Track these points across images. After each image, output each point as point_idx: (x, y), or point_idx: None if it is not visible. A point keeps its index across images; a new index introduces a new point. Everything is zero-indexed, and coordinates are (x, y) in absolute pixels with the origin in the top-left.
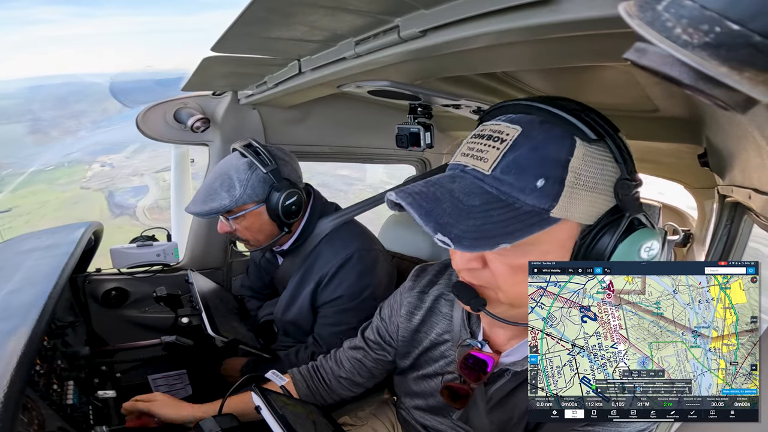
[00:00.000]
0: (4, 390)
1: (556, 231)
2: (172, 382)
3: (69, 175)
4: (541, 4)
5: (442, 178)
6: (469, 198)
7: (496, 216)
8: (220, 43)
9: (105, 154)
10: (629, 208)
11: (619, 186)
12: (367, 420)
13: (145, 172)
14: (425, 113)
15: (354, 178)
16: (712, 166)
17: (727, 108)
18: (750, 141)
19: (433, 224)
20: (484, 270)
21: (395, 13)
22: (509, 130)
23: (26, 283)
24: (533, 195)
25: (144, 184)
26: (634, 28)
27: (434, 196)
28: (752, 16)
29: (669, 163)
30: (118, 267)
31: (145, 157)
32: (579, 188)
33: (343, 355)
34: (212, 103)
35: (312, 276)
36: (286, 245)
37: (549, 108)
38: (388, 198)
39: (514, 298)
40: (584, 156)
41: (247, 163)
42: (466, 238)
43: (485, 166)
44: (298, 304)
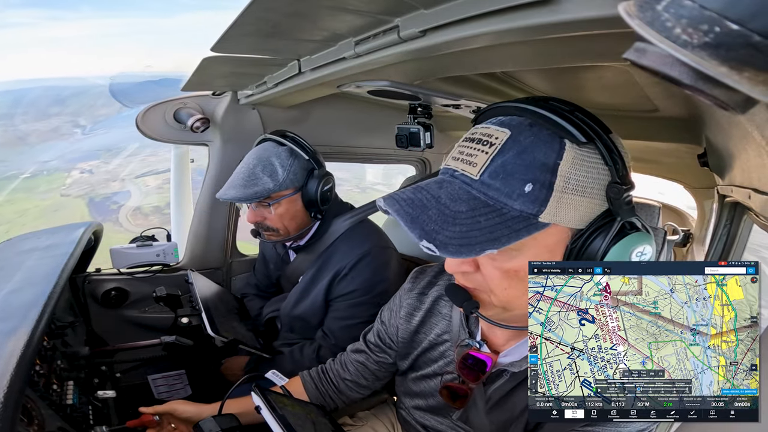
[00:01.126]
0: (4, 390)
1: (545, 236)
2: (172, 382)
3: (49, 182)
4: (541, 4)
5: (430, 183)
6: (456, 204)
7: (482, 222)
8: (220, 43)
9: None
10: (620, 211)
11: (610, 190)
12: (367, 420)
13: (126, 178)
14: (425, 113)
15: (341, 179)
16: (712, 166)
17: (727, 108)
18: (750, 141)
19: (418, 231)
20: (476, 273)
21: (395, 13)
22: (498, 134)
23: (26, 283)
24: (521, 200)
25: (125, 189)
26: (634, 28)
27: (420, 203)
28: (751, 16)
29: (668, 163)
30: (118, 267)
31: (125, 162)
32: (568, 192)
33: (347, 358)
34: (212, 103)
35: (327, 270)
36: (303, 241)
37: (538, 110)
38: (377, 204)
39: (507, 302)
40: (573, 159)
41: (287, 150)
42: (452, 245)
43: (473, 170)
44: (311, 298)
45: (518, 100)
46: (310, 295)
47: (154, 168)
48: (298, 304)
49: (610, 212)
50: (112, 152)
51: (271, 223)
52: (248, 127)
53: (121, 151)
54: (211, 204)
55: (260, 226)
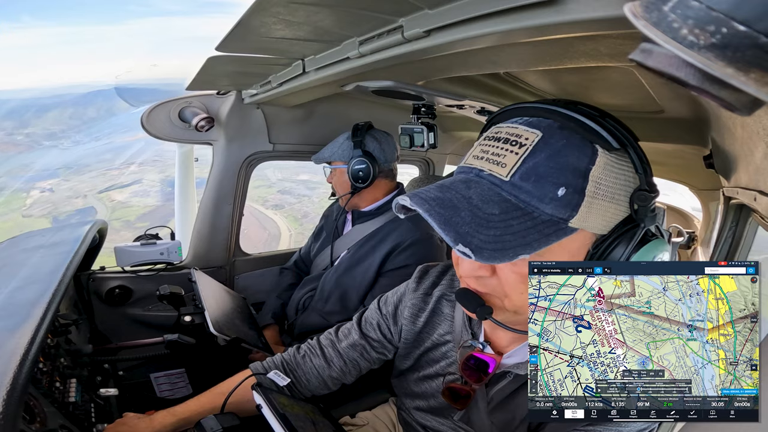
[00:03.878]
0: (7, 388)
1: (570, 241)
2: (174, 380)
3: (6, 204)
4: (546, 5)
5: (457, 182)
6: (488, 206)
7: (515, 225)
8: (225, 42)
9: (41, 179)
10: (644, 219)
11: (637, 197)
12: (368, 420)
13: (88, 194)
14: (429, 113)
15: (315, 182)
16: (718, 167)
17: (733, 109)
18: (756, 143)
19: (453, 234)
20: (491, 278)
21: (399, 13)
22: (528, 135)
23: (30, 280)
24: (552, 204)
25: (89, 205)
26: (640, 28)
27: (451, 203)
28: (758, 17)
29: (674, 164)
30: (122, 265)
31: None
32: (599, 198)
33: (334, 351)
34: (216, 103)
35: (386, 242)
36: (369, 207)
37: (568, 112)
38: (398, 202)
39: (520, 306)
40: (605, 165)
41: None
42: (486, 249)
43: (503, 171)
44: (364, 267)
45: (544, 102)
46: (364, 263)
47: (117, 182)
48: (347, 271)
49: (631, 218)
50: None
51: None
52: (253, 126)
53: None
54: (215, 203)
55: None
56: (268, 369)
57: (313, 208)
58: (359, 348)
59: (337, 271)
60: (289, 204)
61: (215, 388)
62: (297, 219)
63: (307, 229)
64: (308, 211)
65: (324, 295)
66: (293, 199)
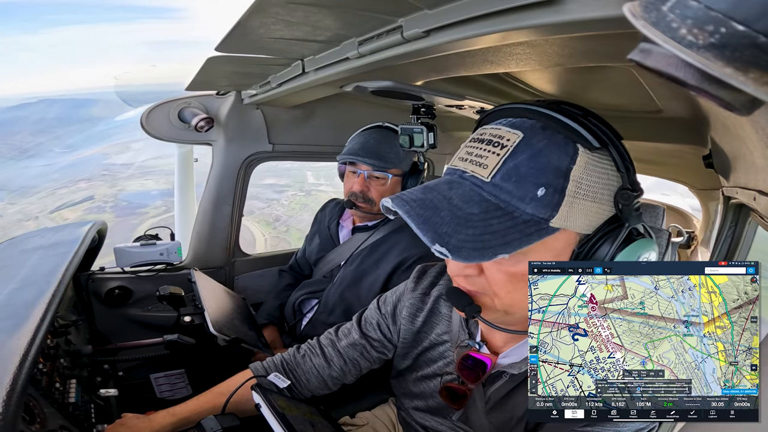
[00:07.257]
0: (7, 388)
1: (553, 240)
2: (174, 380)
3: None
4: (545, 5)
5: (440, 184)
6: (468, 206)
7: (495, 225)
8: (224, 43)
9: None
10: (629, 218)
11: (620, 196)
12: (367, 420)
13: (39, 215)
14: (428, 113)
15: (282, 185)
16: (717, 167)
17: (732, 109)
18: (755, 142)
19: (431, 234)
20: (479, 277)
21: (398, 13)
22: (510, 135)
23: (30, 281)
24: (533, 204)
25: (42, 226)
26: (639, 28)
27: (432, 203)
28: (757, 17)
29: (673, 164)
30: (122, 266)
31: (34, 199)
32: (580, 197)
33: (334, 351)
34: (216, 103)
35: (390, 257)
36: (373, 222)
37: (551, 113)
38: (383, 204)
39: (510, 305)
40: (586, 164)
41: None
42: (465, 249)
43: (484, 172)
44: (369, 281)
45: (528, 102)
46: (368, 277)
47: (69, 200)
48: (351, 286)
49: (616, 218)
50: (16, 192)
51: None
52: (252, 126)
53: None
54: (214, 203)
55: (360, 195)
56: (268, 369)
57: (283, 211)
58: (359, 347)
59: (341, 285)
60: (259, 209)
61: (215, 389)
62: (269, 223)
63: (281, 232)
64: (279, 214)
65: (328, 308)
66: (262, 203)
